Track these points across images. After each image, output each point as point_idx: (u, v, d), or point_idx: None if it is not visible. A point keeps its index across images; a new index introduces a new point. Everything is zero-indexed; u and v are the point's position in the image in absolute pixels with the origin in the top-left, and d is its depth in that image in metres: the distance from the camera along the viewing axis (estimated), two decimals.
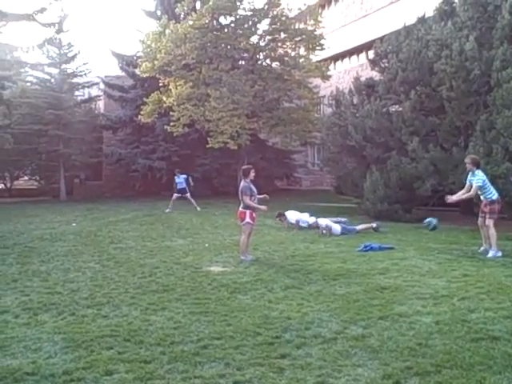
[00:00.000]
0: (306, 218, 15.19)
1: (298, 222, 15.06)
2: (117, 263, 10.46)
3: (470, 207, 15.87)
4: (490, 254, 10.27)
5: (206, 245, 12.55)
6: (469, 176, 10.84)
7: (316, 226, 14.33)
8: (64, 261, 10.80)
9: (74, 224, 17.16)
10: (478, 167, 10.73)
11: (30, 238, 14.15)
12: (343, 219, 15.17)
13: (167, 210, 20.33)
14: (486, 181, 10.61)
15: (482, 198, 10.71)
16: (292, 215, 15.34)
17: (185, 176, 21.50)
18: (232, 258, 10.64)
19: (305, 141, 28.90)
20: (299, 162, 32.95)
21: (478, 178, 10.53)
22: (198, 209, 20.41)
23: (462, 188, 11.07)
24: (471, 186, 10.71)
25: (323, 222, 14.20)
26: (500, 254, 10.28)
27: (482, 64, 14.57)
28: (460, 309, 6.71)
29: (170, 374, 4.95)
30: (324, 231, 13.94)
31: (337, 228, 14.05)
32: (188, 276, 9.15)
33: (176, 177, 21.54)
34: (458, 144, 15.16)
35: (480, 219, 10.77)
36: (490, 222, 10.46)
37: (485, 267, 9.25)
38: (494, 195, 10.59)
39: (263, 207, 10.67)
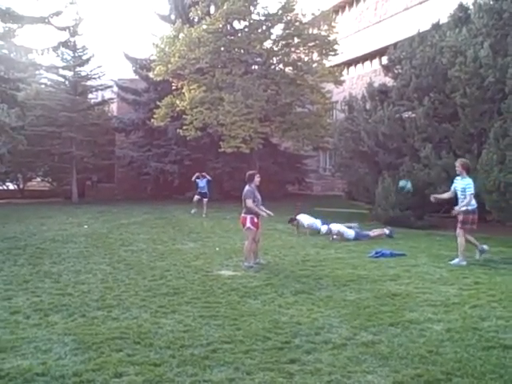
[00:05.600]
0: (318, 223, 15.11)
1: (310, 225, 14.95)
2: (127, 266, 10.49)
3: (482, 215, 15.79)
4: (455, 261, 10.23)
5: (217, 248, 12.56)
6: (456, 181, 10.64)
7: (329, 232, 14.23)
8: (75, 262, 10.84)
9: (86, 226, 17.22)
10: (468, 172, 10.54)
11: (42, 239, 14.22)
12: (353, 224, 15.10)
13: (193, 211, 20.55)
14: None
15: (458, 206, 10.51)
16: (304, 219, 15.23)
17: (207, 179, 21.50)
18: (242, 262, 10.62)
19: (317, 146, 28.87)
20: (311, 166, 32.90)
21: (468, 185, 10.31)
22: (204, 215, 20.44)
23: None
24: (455, 193, 10.59)
25: (336, 227, 14.13)
26: (465, 263, 10.18)
27: (496, 71, 14.50)
28: (471, 317, 6.66)
29: (179, 377, 4.95)
30: (335, 236, 13.91)
31: (350, 233, 14.00)
32: (198, 279, 9.16)
33: (199, 180, 21.50)
34: (472, 151, 15.07)
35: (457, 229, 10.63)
36: (460, 232, 10.38)
37: (497, 275, 9.20)
38: (472, 205, 10.42)
39: (265, 213, 10.55)
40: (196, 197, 21.21)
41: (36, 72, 30.56)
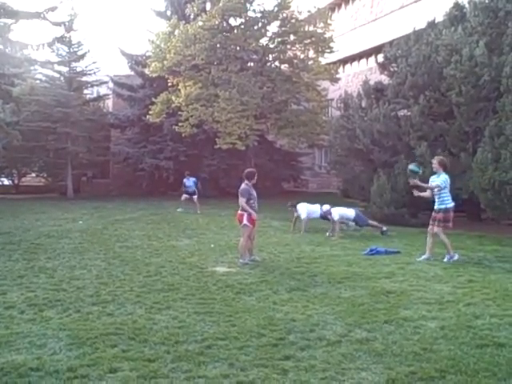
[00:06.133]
0: (316, 208, 15.04)
1: (309, 215, 14.85)
2: (122, 261, 10.49)
3: (477, 213, 15.85)
4: (446, 259, 10.24)
5: (212, 245, 12.56)
6: (431, 179, 10.67)
7: (329, 215, 14.21)
8: (70, 258, 10.83)
9: (81, 222, 17.21)
10: (444, 169, 10.53)
11: (37, 234, 14.20)
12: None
13: (179, 210, 20.45)
14: (448, 186, 10.42)
15: (436, 205, 10.49)
16: (303, 208, 15.10)
17: (194, 179, 21.49)
18: (237, 258, 10.62)
19: (312, 143, 28.90)
20: (306, 164, 32.93)
21: (443, 180, 10.35)
22: (199, 212, 20.45)
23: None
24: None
25: (336, 211, 14.10)
26: (456, 257, 10.27)
27: (491, 70, 14.53)
28: (465, 314, 6.69)
29: (173, 373, 4.96)
30: (330, 233, 13.94)
31: (350, 213, 14.09)
32: (193, 276, 9.16)
33: (186, 179, 21.52)
34: (467, 149, 15.11)
35: (431, 227, 10.58)
36: (438, 230, 10.34)
37: (491, 273, 9.23)
38: (450, 203, 10.43)
39: (254, 213, 10.55)
40: (184, 196, 21.13)
41: (31, 67, 30.50)
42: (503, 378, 4.79)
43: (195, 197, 21.04)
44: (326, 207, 14.48)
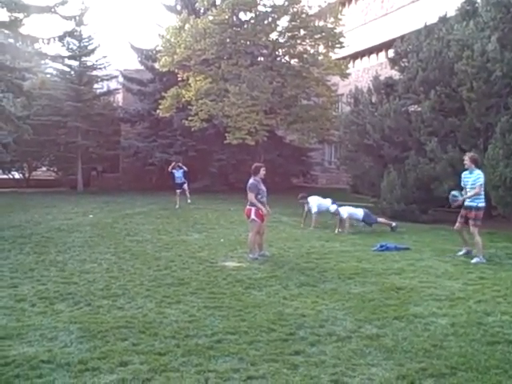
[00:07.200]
0: (328, 202, 14.92)
1: (319, 209, 14.77)
2: (132, 255, 10.53)
3: (488, 210, 15.76)
4: (474, 260, 9.98)
5: (222, 240, 12.58)
6: (464, 175, 10.51)
7: (337, 215, 14.19)
8: (80, 252, 10.89)
9: (91, 215, 17.27)
10: (476, 165, 10.42)
11: (47, 228, 14.27)
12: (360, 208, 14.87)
13: (177, 207, 20.34)
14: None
15: (467, 201, 10.31)
16: (314, 201, 15.00)
17: (183, 170, 21.34)
18: (247, 253, 10.63)
19: (322, 138, 28.84)
20: (316, 159, 32.87)
21: (478, 175, 10.19)
22: (189, 201, 20.64)
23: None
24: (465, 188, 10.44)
25: (344, 210, 14.07)
26: (485, 260, 10.01)
27: (503, 65, 14.43)
28: (476, 311, 6.67)
29: (184, 366, 4.98)
30: (340, 230, 13.92)
31: (359, 213, 14.02)
32: (203, 270, 9.19)
33: (175, 170, 21.38)
34: (478, 146, 15.02)
35: (458, 224, 10.51)
36: (474, 230, 10.19)
37: (502, 270, 9.19)
38: (483, 202, 10.32)
39: (265, 210, 10.56)
40: (177, 191, 20.95)
41: (42, 61, 30.52)
42: None
43: (185, 185, 21.11)
44: (334, 207, 14.41)
